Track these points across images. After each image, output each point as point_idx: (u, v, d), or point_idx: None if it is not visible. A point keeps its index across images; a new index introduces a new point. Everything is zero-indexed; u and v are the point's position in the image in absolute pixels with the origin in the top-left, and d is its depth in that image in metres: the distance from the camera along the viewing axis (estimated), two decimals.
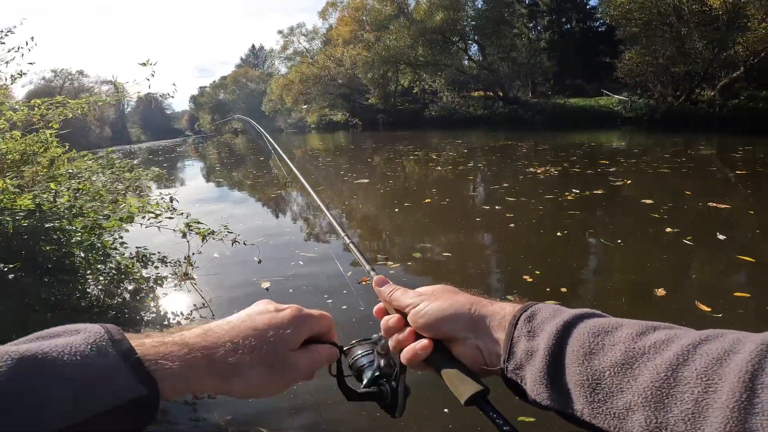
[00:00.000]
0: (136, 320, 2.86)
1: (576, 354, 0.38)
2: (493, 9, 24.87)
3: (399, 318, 0.51)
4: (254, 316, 0.44)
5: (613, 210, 5.27)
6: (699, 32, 15.90)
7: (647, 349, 0.35)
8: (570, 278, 3.36)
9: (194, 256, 3.26)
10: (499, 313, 0.46)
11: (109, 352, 0.34)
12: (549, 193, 5.88)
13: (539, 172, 7.58)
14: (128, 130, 52.79)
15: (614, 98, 19.95)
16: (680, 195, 5.73)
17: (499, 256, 4.02)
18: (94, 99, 2.66)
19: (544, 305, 0.45)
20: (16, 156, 2.57)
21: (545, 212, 5.13)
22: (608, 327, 0.39)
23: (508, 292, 3.11)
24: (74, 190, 2.25)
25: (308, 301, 3.06)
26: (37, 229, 1.92)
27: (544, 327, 0.42)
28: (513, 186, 6.67)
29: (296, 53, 37.89)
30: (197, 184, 11.20)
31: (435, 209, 5.76)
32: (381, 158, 12.58)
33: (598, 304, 2.81)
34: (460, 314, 0.47)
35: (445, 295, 0.50)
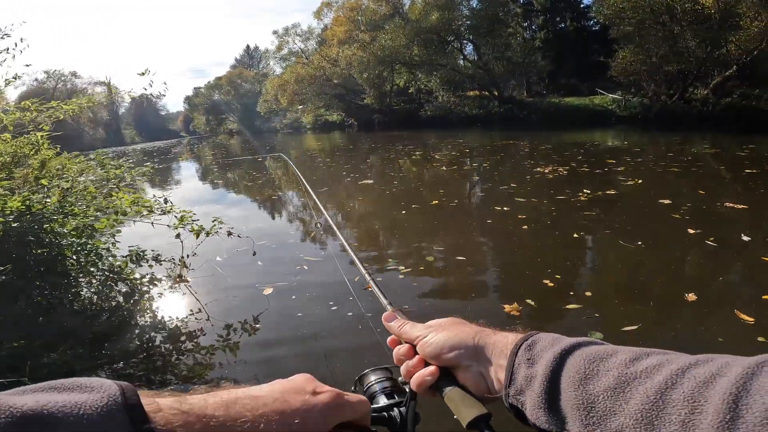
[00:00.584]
0: (131, 324, 2.84)
1: (572, 379, 0.40)
2: (488, 8, 24.89)
3: (409, 348, 0.56)
4: (288, 396, 0.42)
5: (629, 211, 5.11)
6: (692, 31, 15.99)
7: (639, 374, 0.37)
8: (593, 282, 3.23)
9: (190, 258, 3.23)
10: (501, 342, 0.49)
11: (119, 419, 0.31)
12: (560, 194, 5.78)
13: (547, 172, 7.45)
14: (122, 131, 52.43)
15: (608, 97, 20.04)
16: (694, 195, 5.62)
17: (515, 259, 3.87)
18: (86, 100, 2.63)
19: (545, 334, 0.48)
20: (6, 158, 2.54)
21: (559, 213, 5.00)
22: (603, 354, 0.41)
23: (528, 297, 2.94)
24: (63, 189, 2.22)
25: (312, 309, 2.98)
26: (27, 232, 1.89)
27: (543, 354, 0.44)
28: (521, 186, 6.54)
29: (291, 53, 37.75)
30: (193, 185, 11.13)
31: (444, 211, 5.64)
32: (382, 158, 12.48)
33: (626, 310, 2.72)
34: (464, 343, 0.50)
35: (452, 326, 0.54)
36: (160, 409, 0.34)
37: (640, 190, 6.02)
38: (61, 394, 0.31)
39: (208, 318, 2.95)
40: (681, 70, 17.01)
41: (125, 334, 2.78)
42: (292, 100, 33.77)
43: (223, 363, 2.50)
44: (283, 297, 3.23)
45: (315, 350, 2.53)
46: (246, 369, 2.43)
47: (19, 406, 0.28)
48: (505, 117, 22.16)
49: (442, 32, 25.02)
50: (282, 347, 2.63)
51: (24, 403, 0.29)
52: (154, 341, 2.75)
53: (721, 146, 10.14)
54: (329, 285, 3.36)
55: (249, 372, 2.40)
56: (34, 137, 2.41)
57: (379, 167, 10.77)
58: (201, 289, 3.39)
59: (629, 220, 4.68)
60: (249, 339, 2.73)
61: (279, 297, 3.22)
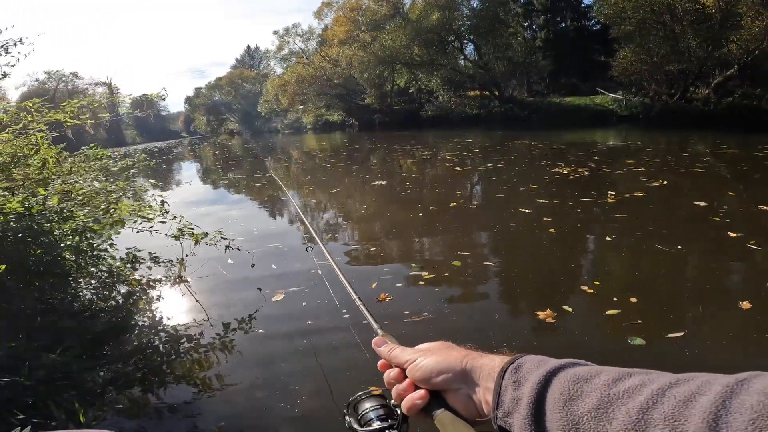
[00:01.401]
0: (130, 324, 2.85)
1: (557, 401, 0.41)
2: (488, 8, 24.88)
3: (399, 372, 0.57)
4: None
5: (662, 213, 4.87)
6: (693, 31, 15.97)
7: (621, 394, 0.37)
8: (636, 287, 3.05)
9: (189, 258, 3.24)
10: (488, 364, 0.50)
11: None
12: (585, 195, 5.61)
13: (566, 173, 7.24)
14: (123, 132, 52.48)
15: (609, 97, 20.02)
16: (724, 196, 5.43)
17: (547, 264, 3.67)
18: (87, 100, 2.63)
19: (531, 356, 0.48)
20: (6, 158, 2.54)
21: (587, 216, 4.83)
22: (587, 375, 0.41)
23: (565, 304, 2.82)
24: (62, 193, 2.23)
25: (323, 317, 2.87)
26: (26, 233, 1.90)
27: (528, 377, 0.45)
28: (542, 187, 6.32)
29: (292, 54, 37.78)
30: (194, 185, 11.13)
31: (463, 213, 5.46)
32: (390, 158, 12.32)
33: (670, 316, 2.63)
34: (452, 367, 0.51)
35: (441, 350, 0.55)
36: None
37: (668, 192, 5.84)
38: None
39: (207, 318, 2.96)
40: (682, 69, 16.99)
41: (124, 335, 2.78)
42: (292, 100, 33.78)
43: (220, 363, 2.50)
44: (294, 301, 3.18)
45: (311, 352, 2.53)
46: (242, 369, 2.44)
47: None
48: (506, 117, 22.16)
49: (442, 32, 25.02)
50: (280, 348, 2.63)
51: None
52: (152, 341, 2.76)
53: (737, 146, 9.92)
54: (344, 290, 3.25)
55: (245, 372, 2.40)
56: (34, 137, 2.41)
57: (389, 167, 10.65)
58: (201, 289, 3.39)
59: (664, 223, 4.46)
60: (245, 338, 2.73)
61: (289, 303, 3.16)
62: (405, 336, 2.77)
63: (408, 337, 0.68)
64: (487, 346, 0.54)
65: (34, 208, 1.99)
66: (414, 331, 2.63)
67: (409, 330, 2.65)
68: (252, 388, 2.26)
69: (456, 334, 2.60)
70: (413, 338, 0.61)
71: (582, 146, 11.42)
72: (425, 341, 0.59)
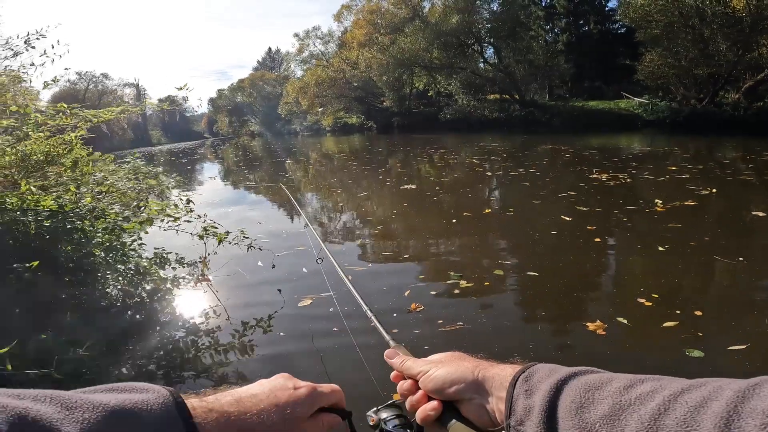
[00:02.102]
0: (153, 320, 2.91)
1: (568, 409, 0.41)
2: (508, 11, 24.68)
3: (412, 383, 0.58)
4: (276, 392, 0.51)
5: (718, 223, 4.67)
6: (722, 34, 15.52)
7: (633, 401, 0.38)
8: (695, 299, 2.92)
9: (210, 256, 3.29)
10: (500, 374, 0.51)
11: (173, 415, 0.40)
12: (630, 203, 5.35)
13: (605, 179, 6.97)
14: (149, 132, 53.96)
15: (635, 101, 19.58)
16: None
17: (597, 276, 3.50)
18: (120, 109, 2.71)
19: (543, 365, 0.49)
20: (40, 157, 2.64)
21: (635, 225, 4.61)
22: (599, 382, 0.42)
23: (619, 315, 2.72)
24: (97, 193, 2.30)
25: (349, 323, 2.74)
26: (58, 230, 1.96)
27: (540, 385, 0.45)
28: (581, 194, 6.06)
29: (312, 56, 38.23)
30: (214, 185, 11.34)
31: (500, 220, 5.27)
32: (415, 162, 12.17)
33: (738, 329, 2.51)
34: (464, 378, 0.52)
35: (452, 361, 0.56)
36: (194, 407, 0.42)
37: (719, 200, 5.57)
38: (127, 394, 0.39)
39: (228, 318, 2.99)
40: (711, 73, 16.51)
41: (147, 331, 2.84)
42: (312, 102, 34.15)
43: (238, 361, 2.53)
44: (322, 306, 3.14)
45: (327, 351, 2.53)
46: (260, 367, 2.46)
47: (106, 402, 0.36)
48: (526, 121, 21.89)
49: (462, 35, 24.92)
50: (294, 347, 2.65)
51: (108, 400, 0.37)
52: (174, 338, 2.81)
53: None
54: (376, 295, 3.18)
55: (262, 370, 2.42)
56: (68, 137, 2.50)
57: (416, 171, 10.51)
58: (221, 288, 3.43)
59: (722, 233, 4.25)
60: (264, 338, 2.76)
61: (318, 307, 3.13)
62: (438, 346, 2.72)
63: (440, 347, 0.67)
64: (529, 359, 0.53)
65: (68, 206, 2.05)
66: (446, 341, 2.57)
67: (441, 340, 2.60)
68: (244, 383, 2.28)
69: (493, 345, 2.55)
70: (446, 348, 0.60)
71: (613, 151, 11.10)
72: (459, 352, 0.59)
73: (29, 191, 2.02)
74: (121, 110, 2.70)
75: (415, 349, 0.64)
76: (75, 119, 2.49)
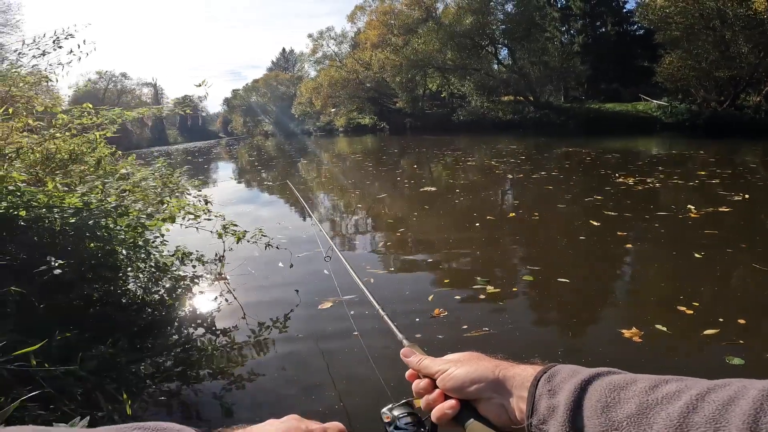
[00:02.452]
0: (172, 318, 2.94)
1: (594, 408, 0.42)
2: (523, 13, 24.49)
3: (429, 381, 0.58)
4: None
5: (757, 230, 4.50)
6: (744, 36, 15.19)
7: (660, 400, 0.39)
8: (740, 308, 2.81)
9: (226, 255, 3.32)
10: (521, 374, 0.51)
11: None
12: (661, 209, 5.19)
13: (631, 183, 6.80)
14: (166, 131, 54.84)
15: (653, 103, 19.24)
16: None
17: (631, 283, 3.40)
18: (144, 111, 2.76)
19: (564, 366, 0.49)
20: (64, 155, 2.69)
21: (668, 231, 4.44)
22: (623, 383, 0.42)
23: (661, 323, 2.64)
24: (121, 191, 2.34)
25: (362, 323, 2.69)
26: (83, 227, 1.99)
27: (563, 386, 0.46)
28: (608, 199, 5.89)
29: (325, 57, 38.45)
30: (229, 185, 11.46)
31: (525, 225, 5.11)
32: (432, 163, 12.04)
33: None
34: (485, 377, 0.52)
35: (471, 360, 0.56)
36: None
37: (754, 207, 5.37)
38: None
39: (244, 316, 3.01)
40: (732, 76, 16.15)
41: (166, 328, 2.88)
42: (325, 103, 34.34)
43: (254, 360, 2.54)
44: (340, 313, 3.13)
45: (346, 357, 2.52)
46: (275, 368, 2.46)
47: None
48: (541, 123, 21.69)
49: (476, 36, 24.82)
50: (309, 346, 2.65)
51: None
52: (191, 336, 2.83)
53: None
54: (398, 300, 3.15)
55: (277, 371, 2.43)
56: (92, 135, 2.54)
57: (434, 173, 10.39)
58: (238, 287, 3.46)
59: (760, 240, 4.09)
60: (279, 336, 2.77)
61: (336, 313, 3.09)
62: (462, 351, 2.69)
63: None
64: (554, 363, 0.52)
65: (93, 203, 2.09)
66: (471, 347, 2.52)
67: (466, 346, 2.53)
68: (286, 385, 2.29)
69: (520, 351, 2.50)
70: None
71: (635, 154, 10.86)
72: (477, 352, 0.59)
73: (56, 188, 2.06)
74: (145, 110, 2.74)
75: (438, 354, 0.63)
76: (101, 119, 2.54)
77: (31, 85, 2.56)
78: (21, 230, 2.20)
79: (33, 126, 2.55)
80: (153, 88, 50.51)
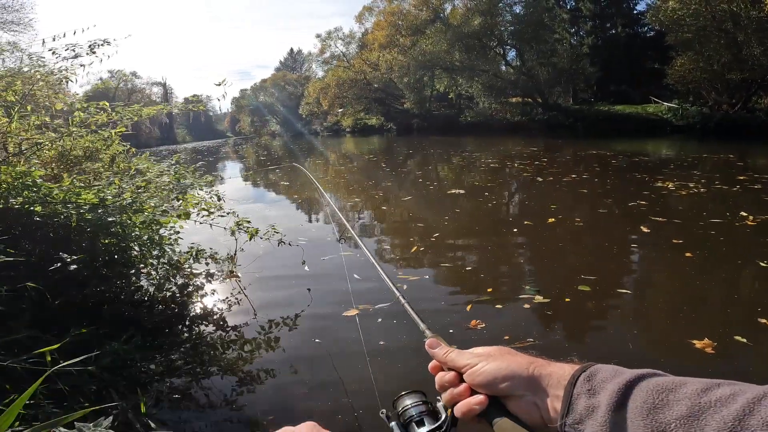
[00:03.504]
0: (184, 315, 2.95)
1: (639, 410, 0.41)
2: (532, 14, 24.36)
3: (455, 374, 0.55)
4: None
5: None
6: (756, 38, 15.00)
7: (713, 403, 0.37)
8: None
9: (239, 253, 3.32)
10: (557, 372, 0.49)
11: None
12: (713, 215, 4.92)
13: (673, 188, 6.49)
14: (175, 130, 55.24)
15: (663, 105, 19.04)
16: None
17: (699, 293, 3.19)
18: (160, 107, 2.78)
19: (604, 366, 0.48)
20: (79, 152, 2.71)
21: (727, 239, 4.23)
22: (672, 385, 0.41)
23: (739, 334, 2.52)
24: (137, 187, 2.35)
25: (398, 338, 2.61)
26: (99, 223, 1.99)
27: (605, 386, 0.45)
28: (652, 204, 5.62)
29: (333, 57, 38.53)
30: (237, 183, 11.50)
31: (568, 231, 4.83)
32: (451, 165, 11.81)
33: None
34: (518, 374, 0.50)
35: (503, 355, 0.53)
36: None
37: None
38: None
39: (254, 315, 3.01)
40: (744, 78, 15.96)
41: (177, 325, 2.88)
42: (333, 103, 34.40)
43: (264, 358, 2.54)
44: (369, 320, 3.10)
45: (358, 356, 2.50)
46: (285, 365, 2.45)
47: None
48: (549, 124, 21.56)
49: (484, 37, 24.72)
50: (317, 344, 2.64)
51: None
52: (202, 333, 2.83)
53: None
54: (428, 304, 3.04)
55: (288, 369, 2.42)
56: (107, 133, 2.56)
57: (457, 174, 10.15)
58: (249, 285, 3.45)
59: None
60: (290, 335, 2.76)
61: (364, 321, 3.05)
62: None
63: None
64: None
65: (109, 200, 2.09)
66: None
67: None
68: (296, 385, 2.28)
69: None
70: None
71: (664, 158, 10.53)
72: (506, 346, 0.56)
73: (72, 184, 2.07)
74: (161, 107, 2.75)
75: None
76: (117, 116, 2.55)
77: (50, 85, 2.58)
78: (37, 226, 2.22)
79: (50, 124, 2.57)
80: (162, 87, 50.96)
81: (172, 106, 3.02)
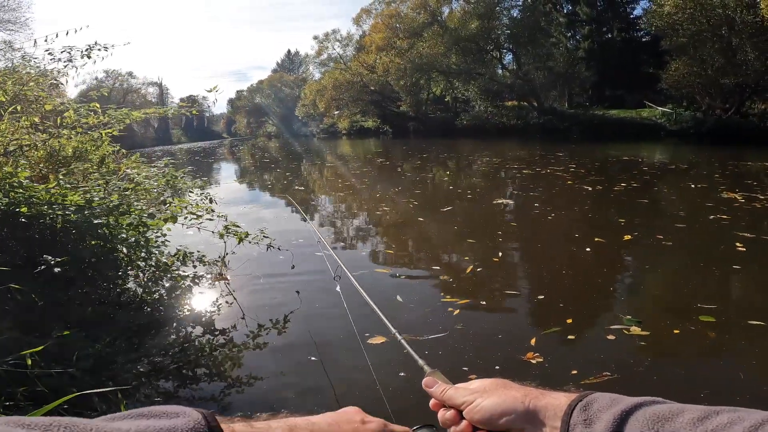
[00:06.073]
0: (171, 317, 2.93)
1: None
2: (529, 18, 24.48)
3: (455, 413, 0.55)
4: (341, 424, 0.49)
5: None
6: (751, 43, 15.15)
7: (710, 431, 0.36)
8: None
9: (228, 255, 3.31)
10: (553, 403, 0.49)
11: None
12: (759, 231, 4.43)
13: (741, 199, 5.92)
14: (170, 131, 55.03)
15: (657, 110, 19.18)
16: None
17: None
18: (152, 110, 2.77)
19: (601, 394, 0.47)
20: (68, 152, 2.69)
21: None
22: (668, 413, 0.40)
23: None
24: (123, 189, 2.34)
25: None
26: (84, 224, 1.98)
27: (601, 416, 0.44)
28: (735, 218, 5.01)
29: (330, 59, 38.53)
30: (233, 185, 11.45)
31: (653, 250, 4.24)
32: (471, 170, 11.30)
33: None
34: (514, 408, 0.50)
35: (498, 390, 0.53)
36: (234, 430, 0.40)
37: None
38: (153, 420, 0.36)
39: (243, 317, 3.00)
40: (738, 83, 16.10)
41: (164, 327, 2.86)
42: (329, 105, 34.37)
43: (252, 360, 2.52)
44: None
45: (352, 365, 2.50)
46: (273, 367, 2.44)
47: (125, 430, 0.33)
48: (545, 128, 21.64)
49: (480, 41, 24.82)
50: (305, 347, 2.63)
51: (128, 428, 0.33)
52: (189, 336, 2.82)
53: None
54: (431, 315, 2.92)
55: (276, 369, 2.41)
56: (96, 134, 2.54)
57: (490, 180, 9.43)
58: (238, 287, 3.43)
59: None
60: (278, 338, 2.75)
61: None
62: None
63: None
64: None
65: (95, 201, 2.08)
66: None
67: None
68: (283, 388, 2.27)
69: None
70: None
71: (698, 165, 10.16)
72: (502, 378, 0.57)
73: (58, 185, 2.06)
74: (152, 111, 2.74)
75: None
76: (107, 118, 2.54)
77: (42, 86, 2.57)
78: (22, 227, 2.20)
79: (39, 124, 2.56)
80: (158, 87, 50.83)
81: (165, 110, 2.99)
